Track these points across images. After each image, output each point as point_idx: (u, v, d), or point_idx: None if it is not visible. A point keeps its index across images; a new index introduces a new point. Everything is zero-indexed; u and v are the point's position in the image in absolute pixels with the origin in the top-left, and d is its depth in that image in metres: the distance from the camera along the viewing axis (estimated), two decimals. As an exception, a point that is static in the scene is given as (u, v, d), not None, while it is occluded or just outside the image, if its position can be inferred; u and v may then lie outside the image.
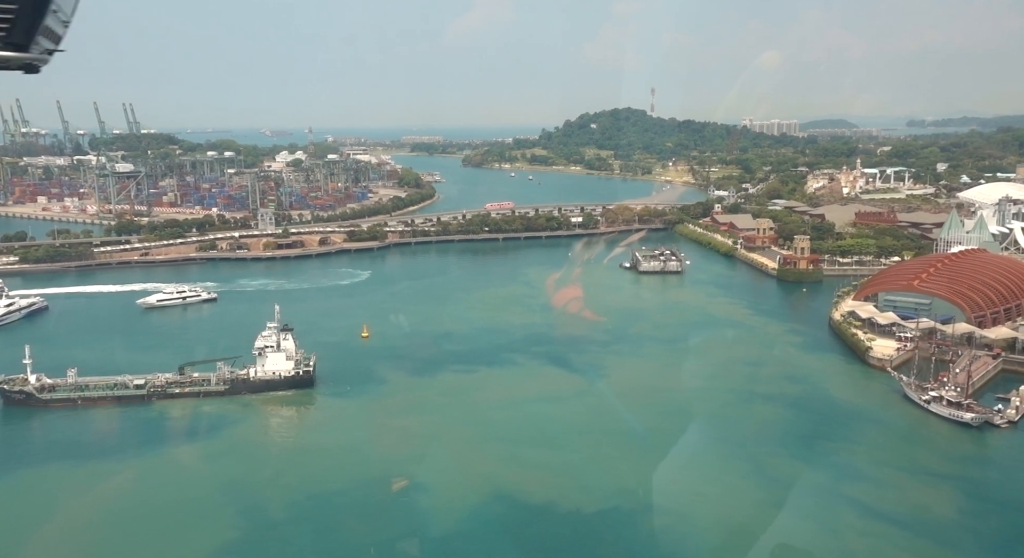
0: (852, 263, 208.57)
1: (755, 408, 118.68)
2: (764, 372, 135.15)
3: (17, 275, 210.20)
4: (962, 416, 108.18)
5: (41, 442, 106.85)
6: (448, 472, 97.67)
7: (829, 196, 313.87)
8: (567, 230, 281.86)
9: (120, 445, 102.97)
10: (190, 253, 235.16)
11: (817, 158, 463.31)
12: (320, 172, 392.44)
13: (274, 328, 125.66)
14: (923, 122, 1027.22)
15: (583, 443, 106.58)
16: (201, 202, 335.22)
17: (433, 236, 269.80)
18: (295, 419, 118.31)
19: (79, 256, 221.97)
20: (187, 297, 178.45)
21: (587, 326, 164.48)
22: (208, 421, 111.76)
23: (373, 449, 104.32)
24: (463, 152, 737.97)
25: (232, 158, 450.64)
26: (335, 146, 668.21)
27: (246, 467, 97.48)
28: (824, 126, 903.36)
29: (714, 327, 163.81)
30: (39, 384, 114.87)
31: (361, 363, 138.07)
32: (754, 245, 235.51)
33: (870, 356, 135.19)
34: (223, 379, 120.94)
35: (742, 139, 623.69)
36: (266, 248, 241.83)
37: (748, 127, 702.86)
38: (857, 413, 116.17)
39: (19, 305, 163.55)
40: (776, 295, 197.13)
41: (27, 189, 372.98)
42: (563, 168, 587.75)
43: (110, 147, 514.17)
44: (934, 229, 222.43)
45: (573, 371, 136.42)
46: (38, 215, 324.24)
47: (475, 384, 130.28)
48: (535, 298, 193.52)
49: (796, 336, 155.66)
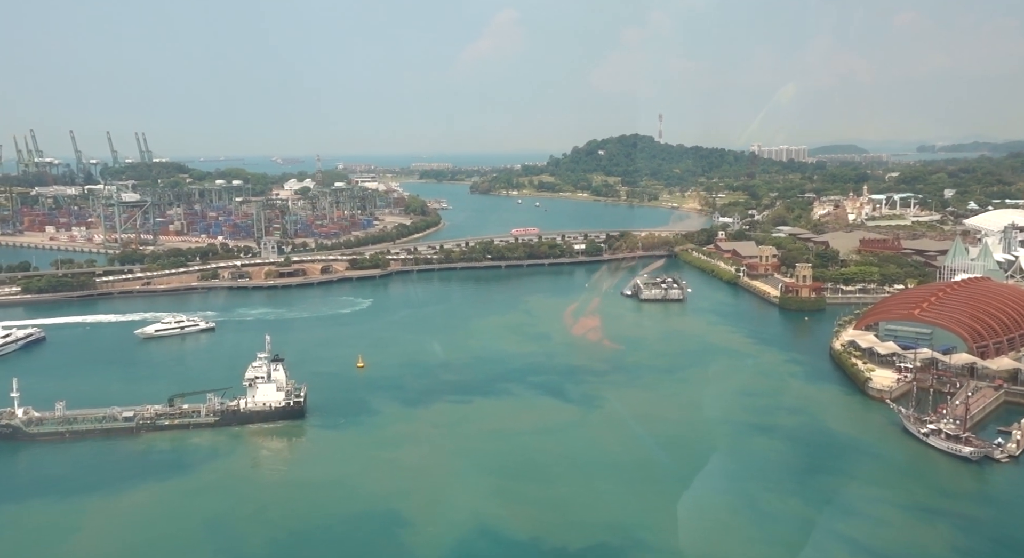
0: (856, 291, 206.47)
1: (750, 440, 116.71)
2: (761, 403, 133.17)
3: (19, 305, 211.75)
4: (961, 450, 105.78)
5: (24, 477, 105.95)
6: (434, 507, 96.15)
7: (834, 223, 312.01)
8: (570, 257, 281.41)
9: (104, 480, 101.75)
10: (192, 282, 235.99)
11: (825, 184, 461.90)
12: (326, 200, 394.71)
13: (264, 359, 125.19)
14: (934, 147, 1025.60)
15: (573, 477, 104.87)
16: (207, 231, 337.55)
17: (436, 264, 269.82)
18: (283, 452, 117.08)
19: (81, 286, 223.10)
20: (185, 327, 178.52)
21: (585, 355, 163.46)
22: (195, 454, 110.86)
23: (360, 483, 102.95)
24: (472, 179, 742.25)
25: (240, 186, 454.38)
26: (345, 173, 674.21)
27: (229, 502, 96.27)
28: (834, 151, 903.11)
29: (713, 356, 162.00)
30: (26, 418, 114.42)
31: (354, 394, 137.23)
32: (757, 273, 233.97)
33: (869, 387, 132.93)
34: (213, 410, 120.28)
35: (751, 165, 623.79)
36: (268, 277, 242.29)
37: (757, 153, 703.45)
38: (854, 446, 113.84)
39: (16, 336, 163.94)
40: (778, 324, 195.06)
41: (36, 218, 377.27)
42: (570, 195, 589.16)
43: (121, 176, 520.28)
44: (938, 257, 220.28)
45: (568, 402, 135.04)
46: (45, 244, 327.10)
47: (469, 415, 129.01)
48: (534, 326, 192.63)
49: (795, 366, 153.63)
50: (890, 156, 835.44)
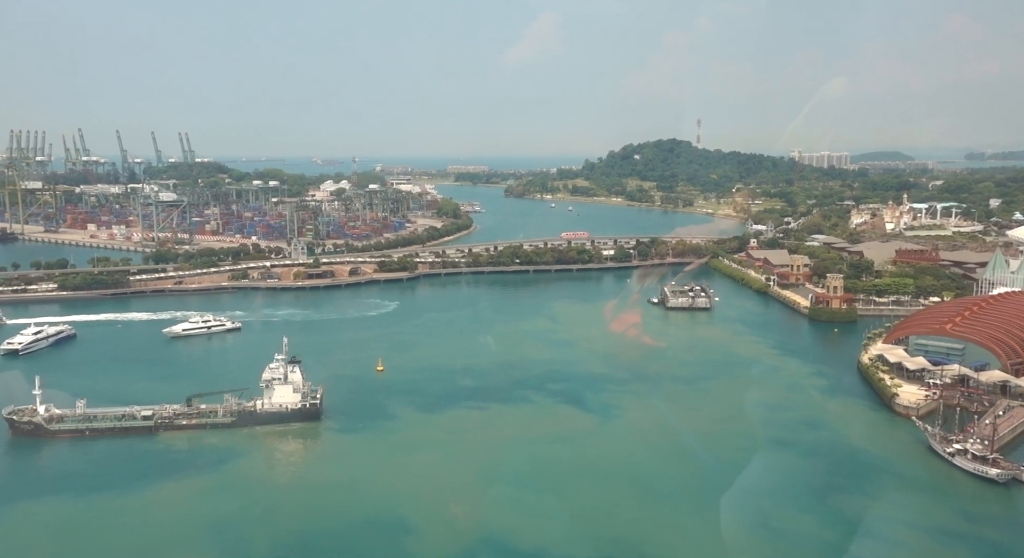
0: (889, 303, 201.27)
1: (769, 455, 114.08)
2: (783, 416, 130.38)
3: (56, 302, 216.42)
4: (987, 472, 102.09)
5: (43, 474, 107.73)
6: (441, 515, 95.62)
7: (871, 232, 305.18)
8: (598, 263, 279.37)
9: (119, 479, 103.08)
10: (222, 282, 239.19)
11: (865, 192, 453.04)
12: (359, 202, 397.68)
13: (282, 360, 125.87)
14: (982, 155, 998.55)
15: (585, 487, 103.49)
16: (241, 231, 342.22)
17: (463, 267, 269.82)
18: (296, 454, 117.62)
19: (115, 284, 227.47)
20: (212, 327, 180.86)
21: (606, 363, 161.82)
22: (209, 454, 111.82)
23: (370, 488, 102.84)
24: (507, 182, 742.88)
25: (276, 187, 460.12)
26: (381, 175, 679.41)
27: (239, 503, 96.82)
28: (877, 158, 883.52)
29: (737, 367, 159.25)
30: (48, 415, 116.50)
31: (372, 397, 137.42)
32: (788, 282, 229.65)
33: (896, 403, 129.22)
34: (230, 411, 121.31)
35: (792, 172, 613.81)
36: (296, 278, 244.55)
37: (797, 159, 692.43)
38: (876, 464, 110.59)
39: (47, 333, 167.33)
40: (806, 335, 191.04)
41: (79, 216, 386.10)
42: (604, 199, 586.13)
43: (163, 176, 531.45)
44: (977, 269, 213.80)
45: (586, 410, 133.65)
46: (86, 242, 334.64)
47: (485, 422, 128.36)
48: (558, 333, 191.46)
49: (821, 379, 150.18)
50: (936, 163, 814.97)
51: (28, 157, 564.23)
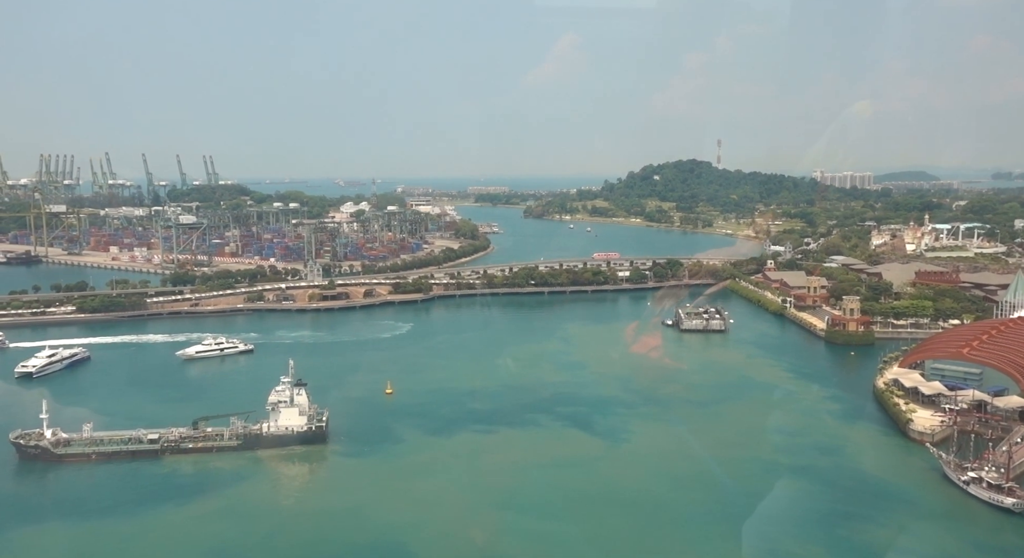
0: (907, 326, 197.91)
1: (778, 482, 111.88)
2: (795, 442, 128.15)
3: (74, 324, 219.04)
4: (1003, 501, 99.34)
5: (48, 499, 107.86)
6: (441, 542, 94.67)
7: (891, 253, 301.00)
8: (614, 285, 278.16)
9: (122, 504, 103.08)
10: (238, 304, 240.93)
11: (887, 212, 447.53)
12: (377, 223, 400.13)
13: (288, 383, 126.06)
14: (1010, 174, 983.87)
15: (587, 514, 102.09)
16: (260, 252, 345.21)
17: (478, 289, 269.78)
18: (299, 478, 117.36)
19: (132, 306, 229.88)
20: (224, 349, 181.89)
21: (617, 386, 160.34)
22: (214, 478, 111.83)
23: (372, 513, 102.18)
24: (527, 203, 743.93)
25: (297, 209, 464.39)
26: (402, 196, 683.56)
27: (239, 529, 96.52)
28: (902, 178, 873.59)
29: (750, 390, 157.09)
30: (54, 439, 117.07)
31: (379, 420, 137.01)
32: (805, 304, 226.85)
33: (911, 429, 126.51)
34: (236, 434, 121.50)
35: (818, 192, 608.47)
36: (311, 300, 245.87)
37: (819, 179, 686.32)
38: (888, 492, 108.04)
39: (61, 355, 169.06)
40: (822, 358, 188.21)
41: (102, 239, 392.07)
42: (623, 220, 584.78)
43: (186, 198, 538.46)
44: (999, 291, 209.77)
45: (594, 434, 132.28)
46: (108, 264, 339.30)
47: (492, 446, 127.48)
48: (570, 355, 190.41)
49: (835, 403, 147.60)
50: (961, 183, 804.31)
51: (56, 181, 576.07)
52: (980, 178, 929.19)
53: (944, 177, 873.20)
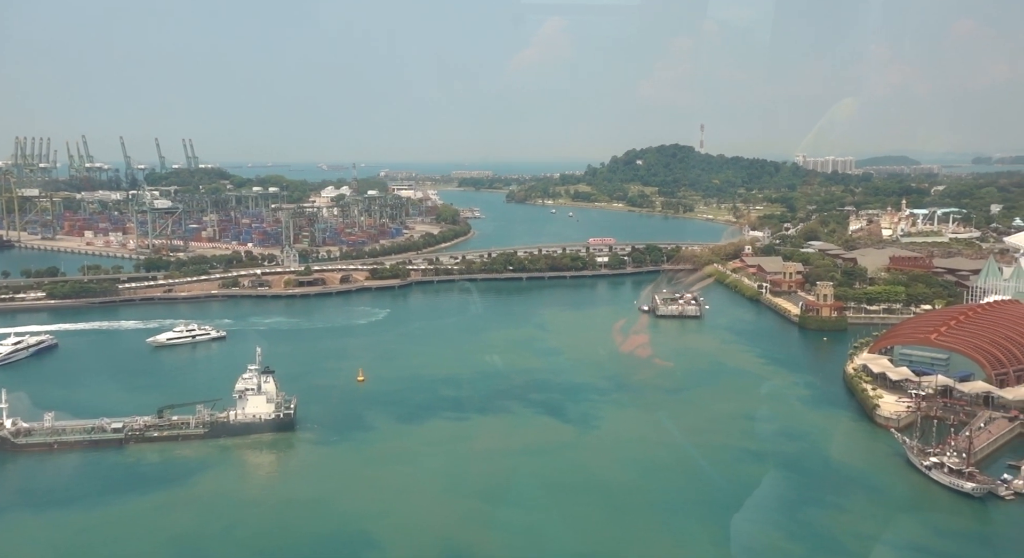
0: (880, 311, 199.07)
1: (744, 467, 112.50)
2: (763, 428, 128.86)
3: (44, 310, 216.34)
4: (963, 485, 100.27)
5: (6, 490, 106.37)
6: (407, 530, 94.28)
7: (867, 239, 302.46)
8: (592, 270, 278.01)
9: (84, 494, 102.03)
10: (212, 290, 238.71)
11: (867, 197, 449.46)
12: (357, 207, 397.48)
13: (255, 370, 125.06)
14: (990, 159, 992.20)
15: (554, 501, 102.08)
16: (238, 237, 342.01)
17: (456, 274, 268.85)
18: (265, 466, 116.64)
19: (104, 292, 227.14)
20: (196, 336, 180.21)
21: (590, 372, 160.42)
22: (177, 467, 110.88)
23: (337, 501, 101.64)
24: (510, 187, 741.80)
25: (277, 193, 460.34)
26: (385, 181, 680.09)
27: (200, 519, 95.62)
28: (883, 163, 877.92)
29: (721, 377, 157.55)
30: (14, 429, 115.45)
31: (350, 407, 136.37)
32: (780, 290, 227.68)
33: (877, 414, 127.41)
34: (202, 422, 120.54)
35: (793, 177, 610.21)
36: (287, 286, 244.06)
37: (801, 164, 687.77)
38: (852, 477, 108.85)
39: (27, 343, 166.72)
40: (795, 343, 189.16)
41: (76, 223, 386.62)
42: (605, 205, 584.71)
43: (165, 182, 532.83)
44: (971, 276, 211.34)
45: (565, 421, 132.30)
46: (81, 249, 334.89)
47: (462, 433, 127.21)
48: (545, 341, 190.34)
49: (805, 389, 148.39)
50: (941, 168, 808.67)
51: (32, 164, 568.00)
52: (961, 162, 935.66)
53: (925, 162, 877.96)
